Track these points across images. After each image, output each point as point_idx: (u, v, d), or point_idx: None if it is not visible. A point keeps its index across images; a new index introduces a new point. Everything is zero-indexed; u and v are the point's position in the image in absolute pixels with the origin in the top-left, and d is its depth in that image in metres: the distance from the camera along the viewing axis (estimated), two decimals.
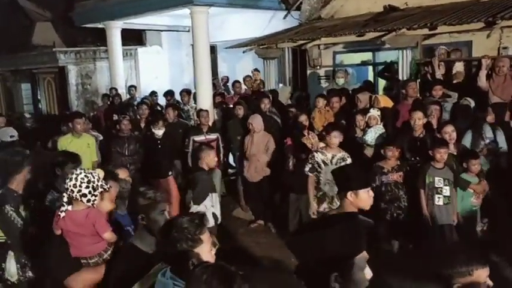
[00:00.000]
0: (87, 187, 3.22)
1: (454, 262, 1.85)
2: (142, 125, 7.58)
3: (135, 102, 9.57)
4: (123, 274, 2.53)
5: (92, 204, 3.27)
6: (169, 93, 9.55)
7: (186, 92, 9.01)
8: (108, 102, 10.03)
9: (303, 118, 6.32)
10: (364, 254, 1.88)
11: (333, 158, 5.10)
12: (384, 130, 5.92)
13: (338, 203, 4.79)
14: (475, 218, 5.15)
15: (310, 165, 5.17)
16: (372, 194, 2.77)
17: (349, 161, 5.07)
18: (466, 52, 7.89)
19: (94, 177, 3.27)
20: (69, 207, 3.28)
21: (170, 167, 6.67)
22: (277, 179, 6.33)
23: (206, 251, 2.22)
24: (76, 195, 3.22)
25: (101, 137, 7.35)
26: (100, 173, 3.40)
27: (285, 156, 6.06)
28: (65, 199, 3.28)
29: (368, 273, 1.86)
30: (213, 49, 12.09)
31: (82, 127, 6.27)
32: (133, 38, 12.66)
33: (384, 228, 5.04)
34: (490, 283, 1.88)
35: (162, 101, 10.06)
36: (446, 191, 4.87)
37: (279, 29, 9.91)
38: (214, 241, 2.07)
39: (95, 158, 6.41)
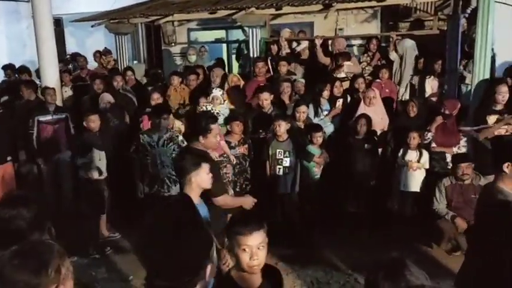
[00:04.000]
0: None
1: (233, 225, 2.17)
2: None
3: None
4: None
5: None
6: (9, 67, 8.57)
7: (23, 70, 8.19)
8: None
9: (156, 96, 6.25)
10: None
11: (159, 139, 5.00)
12: (227, 109, 5.93)
13: (170, 185, 4.91)
14: (317, 186, 5.70)
15: (134, 147, 5.07)
16: None
17: (179, 138, 5.06)
18: (309, 32, 8.59)
19: None
20: None
21: (8, 151, 6.06)
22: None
23: None
24: None
25: None
26: None
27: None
28: None
29: None
30: (58, 22, 11.18)
31: None
32: None
33: None
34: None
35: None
36: (286, 162, 5.28)
37: (131, 3, 9.54)
38: None
39: None
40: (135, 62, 9.98)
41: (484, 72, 5.41)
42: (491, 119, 5.12)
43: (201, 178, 3.04)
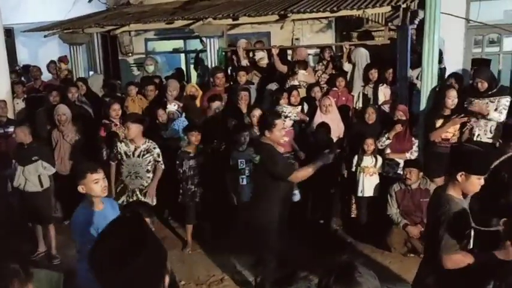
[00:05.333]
0: None
1: None
2: None
3: None
4: None
5: None
6: None
7: None
8: None
9: (116, 107, 6.16)
10: None
11: (135, 149, 4.95)
12: (186, 122, 5.94)
13: (140, 197, 4.94)
14: None
15: (112, 154, 5.05)
16: (482, 182, 2.73)
17: (156, 151, 5.02)
18: (266, 42, 8.72)
19: None
20: None
21: None
22: None
23: None
24: None
25: None
26: None
27: (98, 147, 5.86)
28: None
29: None
30: (9, 32, 10.83)
31: None
32: None
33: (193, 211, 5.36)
34: None
35: None
36: (248, 171, 5.33)
37: (85, 13, 9.39)
38: None
39: None
40: (91, 72, 9.79)
41: (432, 79, 5.66)
42: (439, 123, 5.37)
43: (89, 187, 3.19)
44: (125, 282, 1.39)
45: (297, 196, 4.68)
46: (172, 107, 6.05)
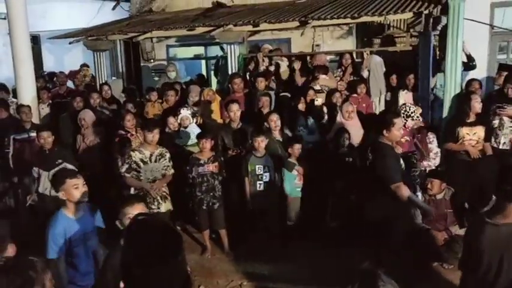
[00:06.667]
0: None
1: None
2: None
3: None
4: None
5: None
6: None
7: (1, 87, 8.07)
8: None
9: (130, 118, 6.02)
10: None
11: (151, 155, 4.95)
12: (197, 129, 5.86)
13: (160, 202, 4.93)
14: (298, 199, 5.70)
15: (127, 166, 4.97)
16: None
17: (168, 156, 5.03)
18: (287, 48, 8.74)
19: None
20: None
21: None
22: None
23: None
24: None
25: None
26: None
27: (114, 156, 5.89)
28: None
29: None
30: (36, 39, 11.13)
31: None
32: None
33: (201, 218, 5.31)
34: None
35: None
36: (266, 177, 5.32)
37: (109, 20, 9.57)
38: None
39: None
40: (113, 78, 9.96)
41: (455, 86, 5.58)
42: (463, 130, 5.28)
43: (68, 193, 3.30)
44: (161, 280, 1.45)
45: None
46: (185, 111, 6.01)
